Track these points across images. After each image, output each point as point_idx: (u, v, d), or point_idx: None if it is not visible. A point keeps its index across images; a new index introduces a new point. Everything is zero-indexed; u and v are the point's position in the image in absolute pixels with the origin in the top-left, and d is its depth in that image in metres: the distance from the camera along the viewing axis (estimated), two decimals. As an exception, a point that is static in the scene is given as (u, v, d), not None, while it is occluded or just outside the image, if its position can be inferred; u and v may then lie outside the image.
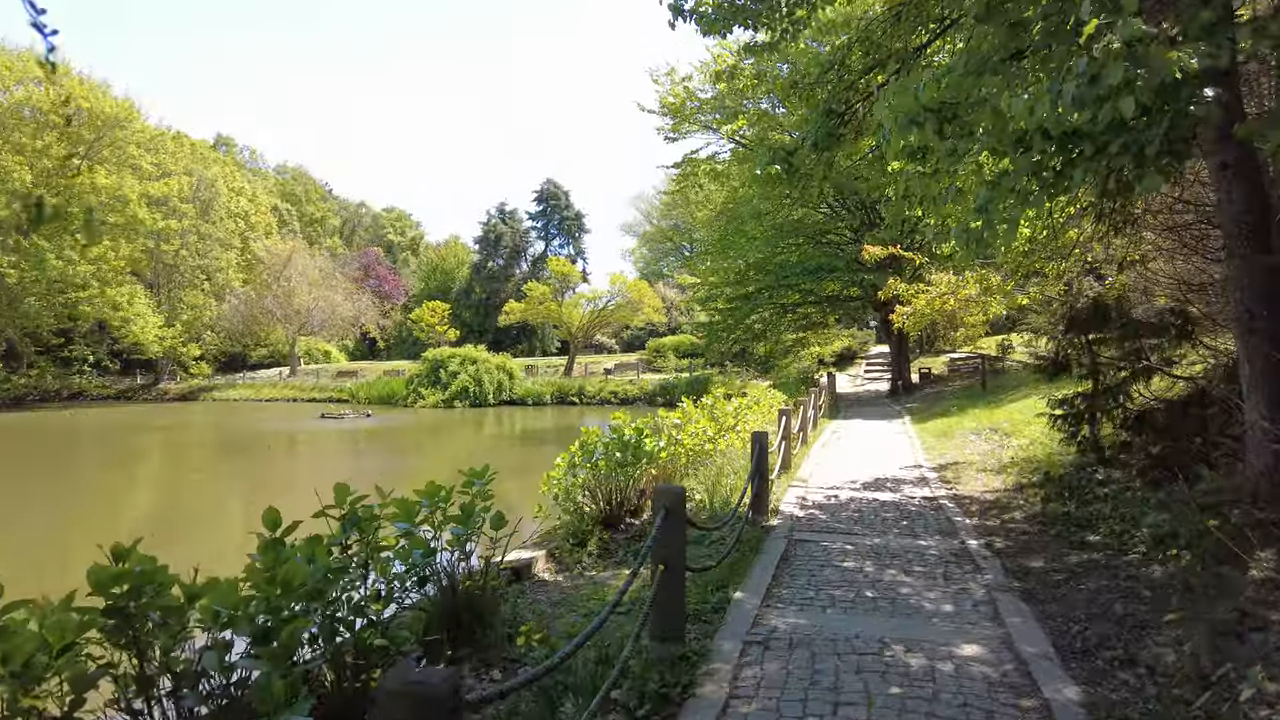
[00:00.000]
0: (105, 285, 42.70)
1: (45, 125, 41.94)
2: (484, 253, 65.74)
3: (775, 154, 7.73)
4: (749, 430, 11.98)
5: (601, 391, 39.92)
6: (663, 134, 28.37)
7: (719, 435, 11.11)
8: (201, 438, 29.31)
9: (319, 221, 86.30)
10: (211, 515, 14.62)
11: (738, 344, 34.33)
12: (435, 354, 41.14)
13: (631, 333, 59.10)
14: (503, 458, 19.48)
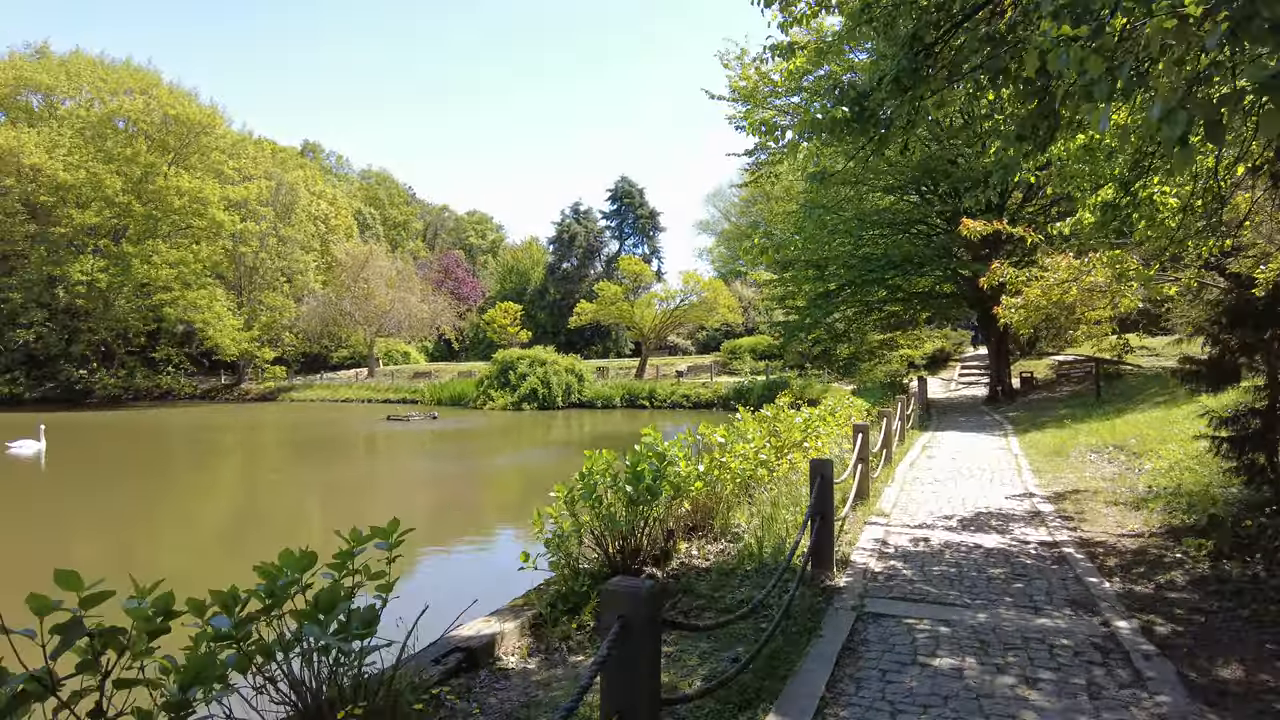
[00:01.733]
0: (186, 288, 43.63)
1: (135, 134, 43.14)
2: (558, 253, 64.99)
3: (844, 95, 5.88)
4: (820, 447, 10.10)
5: (673, 395, 38.20)
6: (734, 122, 26.56)
7: (781, 454, 9.26)
8: (277, 438, 29.55)
9: (402, 225, 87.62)
10: (283, 515, 14.86)
11: (818, 345, 32.10)
12: (504, 355, 40.29)
13: (706, 334, 57.16)
14: (551, 467, 18.10)
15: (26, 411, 37.60)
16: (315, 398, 46.62)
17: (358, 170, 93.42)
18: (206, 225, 44.82)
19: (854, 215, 23.91)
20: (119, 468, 21.20)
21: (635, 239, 66.99)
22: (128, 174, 42.46)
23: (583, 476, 5.64)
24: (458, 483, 18.36)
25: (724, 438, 7.61)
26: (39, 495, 17.03)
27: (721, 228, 72.69)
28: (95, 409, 40.75)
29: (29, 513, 14.85)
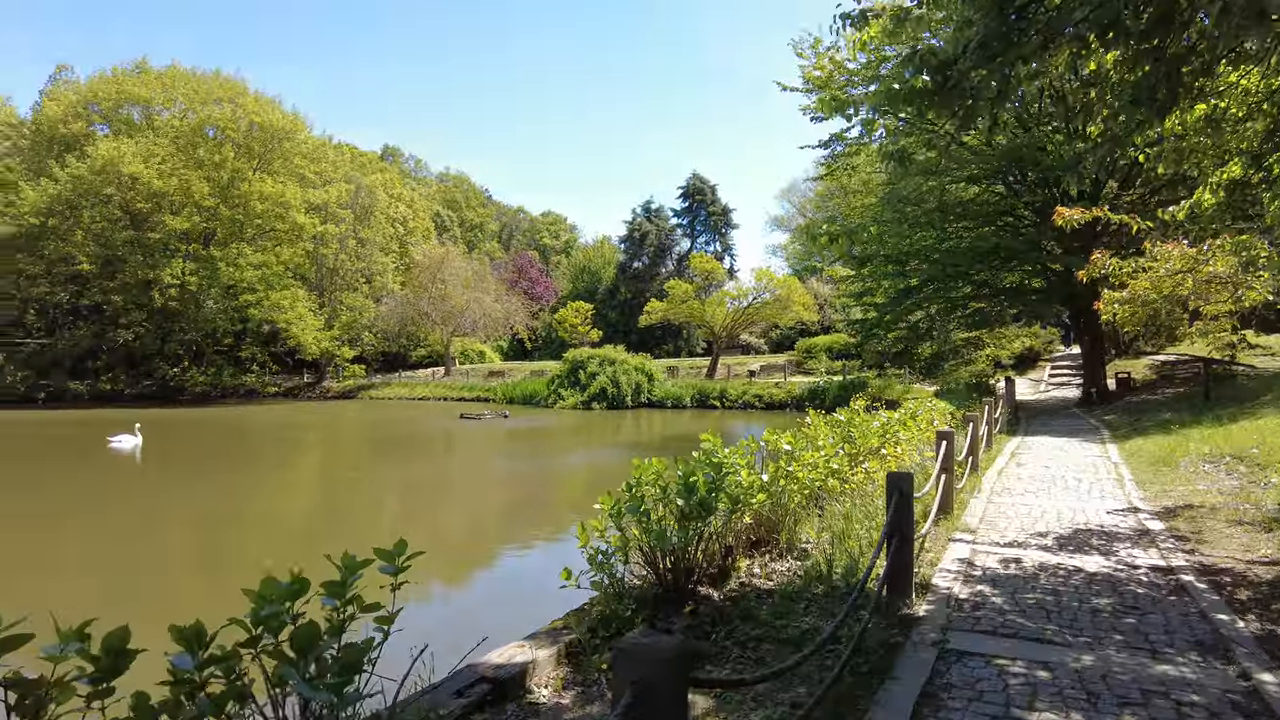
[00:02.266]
0: (270, 289, 45.14)
1: (222, 140, 44.88)
2: (629, 252, 64.79)
3: (924, 62, 5.23)
4: (900, 455, 9.37)
5: (744, 395, 37.41)
6: (808, 113, 25.68)
7: (856, 463, 8.59)
8: (356, 435, 30.26)
9: (478, 227, 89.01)
10: (362, 511, 15.16)
11: (898, 344, 30.88)
12: (575, 354, 40.28)
13: (780, 332, 55.97)
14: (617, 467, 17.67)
15: (126, 408, 39.52)
16: (393, 396, 47.64)
17: (435, 173, 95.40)
18: (288, 228, 46.35)
19: (936, 207, 22.75)
20: (208, 462, 21.98)
21: (707, 236, 66.25)
22: (215, 180, 44.23)
23: (629, 487, 5.15)
24: (527, 482, 18.18)
25: (790, 444, 7.00)
26: (135, 487, 17.82)
27: (796, 223, 71.25)
28: (187, 406, 42.59)
29: (126, 504, 15.49)
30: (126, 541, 12.25)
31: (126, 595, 9.18)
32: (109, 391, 44.65)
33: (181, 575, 10.52)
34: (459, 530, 13.90)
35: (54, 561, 11.00)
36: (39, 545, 12.00)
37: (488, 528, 13.92)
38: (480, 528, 13.94)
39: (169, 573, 10.61)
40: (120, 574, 10.33)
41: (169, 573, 10.61)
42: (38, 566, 10.70)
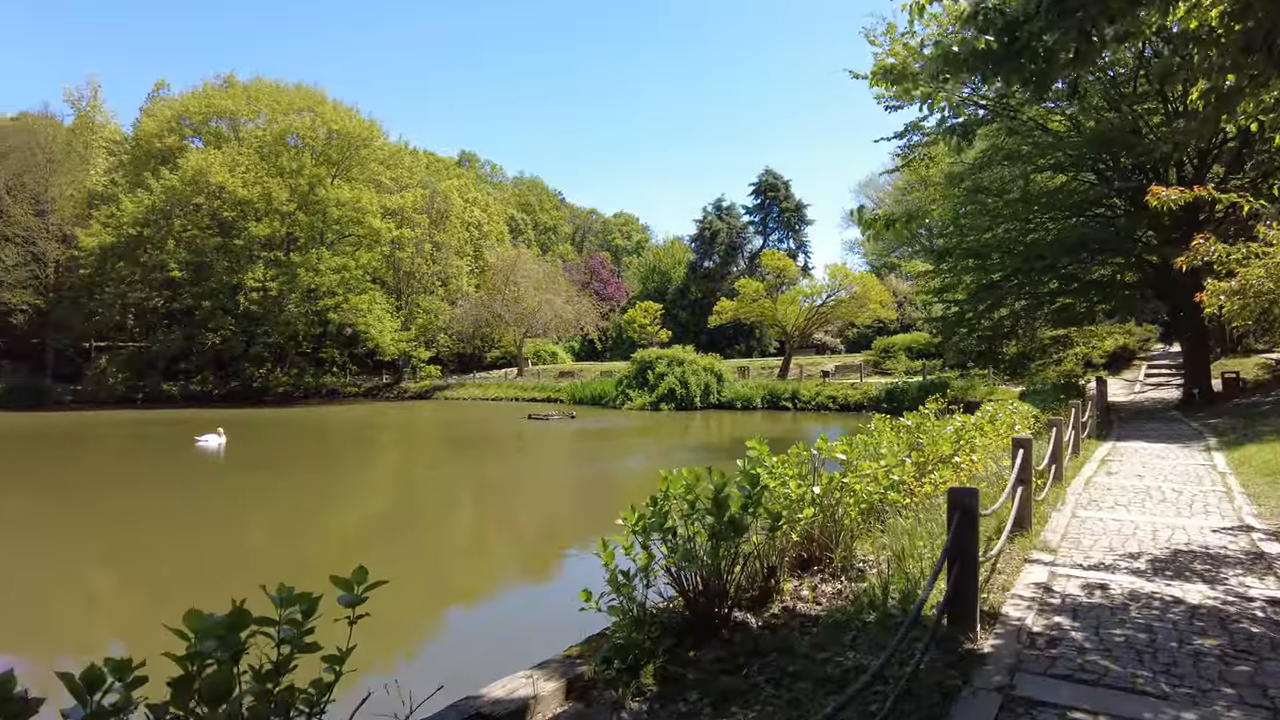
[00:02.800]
0: (349, 293, 46.38)
1: (302, 149, 46.38)
2: (700, 251, 64.11)
3: (987, 21, 4.58)
4: (974, 464, 8.62)
5: (817, 396, 36.34)
6: (882, 102, 24.67)
7: (924, 472, 7.90)
8: (429, 434, 30.67)
9: (551, 229, 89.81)
10: (435, 510, 15.51)
11: (981, 343, 29.41)
12: (643, 355, 39.95)
13: (857, 331, 54.38)
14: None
15: (215, 408, 41.23)
16: (467, 396, 48.31)
17: (510, 177, 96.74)
18: (365, 233, 47.54)
19: (1019, 198, 21.47)
20: (287, 461, 22.66)
21: (780, 233, 64.94)
22: (295, 187, 45.72)
23: (654, 501, 4.68)
24: (587, 483, 17.90)
25: (845, 453, 6.40)
26: (218, 484, 18.40)
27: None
28: (270, 406, 44.09)
29: (207, 500, 15.99)
30: (205, 534, 12.61)
31: (180, 593, 9.27)
32: (199, 392, 46.65)
33: (242, 573, 10.58)
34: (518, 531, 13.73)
35: (117, 554, 11.44)
36: (109, 537, 12.53)
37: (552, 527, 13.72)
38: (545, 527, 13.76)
39: (235, 571, 10.70)
40: (194, 567, 10.61)
41: (235, 571, 10.70)
42: (107, 557, 11.16)
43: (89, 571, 10.68)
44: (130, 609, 9.22)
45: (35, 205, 49.69)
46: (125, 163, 50.60)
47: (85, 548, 11.80)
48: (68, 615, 8.92)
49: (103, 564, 11.03)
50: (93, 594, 9.96)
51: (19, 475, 19.93)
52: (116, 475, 19.89)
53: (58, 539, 12.30)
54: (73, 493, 16.73)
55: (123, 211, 44.51)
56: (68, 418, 37.48)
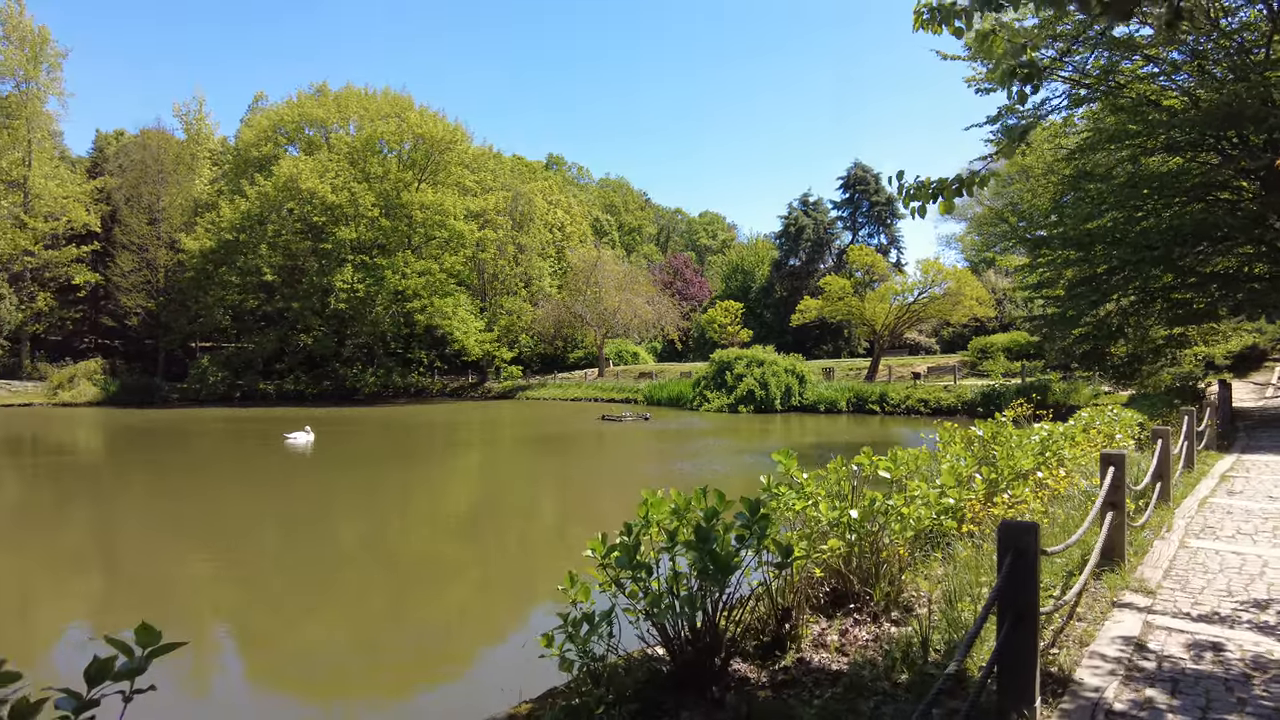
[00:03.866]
0: (433, 295, 47.15)
1: (388, 154, 47.53)
2: (784, 248, 62.38)
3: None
4: (1058, 481, 7.41)
5: (907, 399, 34.49)
6: (973, 85, 23.05)
7: (996, 491, 6.78)
8: (507, 434, 30.83)
9: (636, 230, 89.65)
10: (504, 508, 15.66)
11: (1085, 342, 27.12)
12: (721, 355, 38.94)
13: (953, 330, 51.67)
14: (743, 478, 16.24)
15: (307, 407, 42.59)
16: (548, 396, 48.41)
17: (597, 179, 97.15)
18: (448, 236, 48.27)
19: (1127, 183, 19.43)
20: (368, 457, 23.16)
21: (870, 228, 62.53)
22: (381, 191, 46.82)
23: (628, 531, 3.86)
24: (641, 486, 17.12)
25: (889, 470, 5.40)
26: (304, 479, 18.92)
27: (973, 212, 65.85)
28: (359, 405, 45.25)
29: (294, 494, 16.67)
30: (292, 525, 13.22)
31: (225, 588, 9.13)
32: (292, 391, 48.38)
33: (302, 566, 10.88)
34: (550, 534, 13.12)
35: (209, 538, 12.19)
36: (202, 522, 13.46)
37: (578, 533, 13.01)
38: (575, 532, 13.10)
39: (302, 554, 11.29)
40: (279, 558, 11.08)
41: (302, 554, 11.29)
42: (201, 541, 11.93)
43: (188, 553, 11.18)
44: (205, 587, 9.76)
45: (149, 215, 52.72)
46: (227, 171, 53.06)
47: (184, 532, 12.47)
48: (159, 591, 9.37)
49: (198, 548, 11.54)
50: (182, 575, 10.28)
51: (131, 468, 21.17)
52: (214, 468, 20.96)
53: (164, 525, 13.11)
54: (176, 484, 17.81)
55: (221, 217, 46.59)
56: (172, 414, 39.43)
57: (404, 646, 7.61)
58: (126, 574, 10.22)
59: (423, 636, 7.88)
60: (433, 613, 8.67)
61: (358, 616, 8.57)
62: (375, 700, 6.67)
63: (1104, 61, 19.62)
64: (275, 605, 9.01)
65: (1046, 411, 11.45)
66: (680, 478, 18.78)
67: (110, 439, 29.27)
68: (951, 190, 4.33)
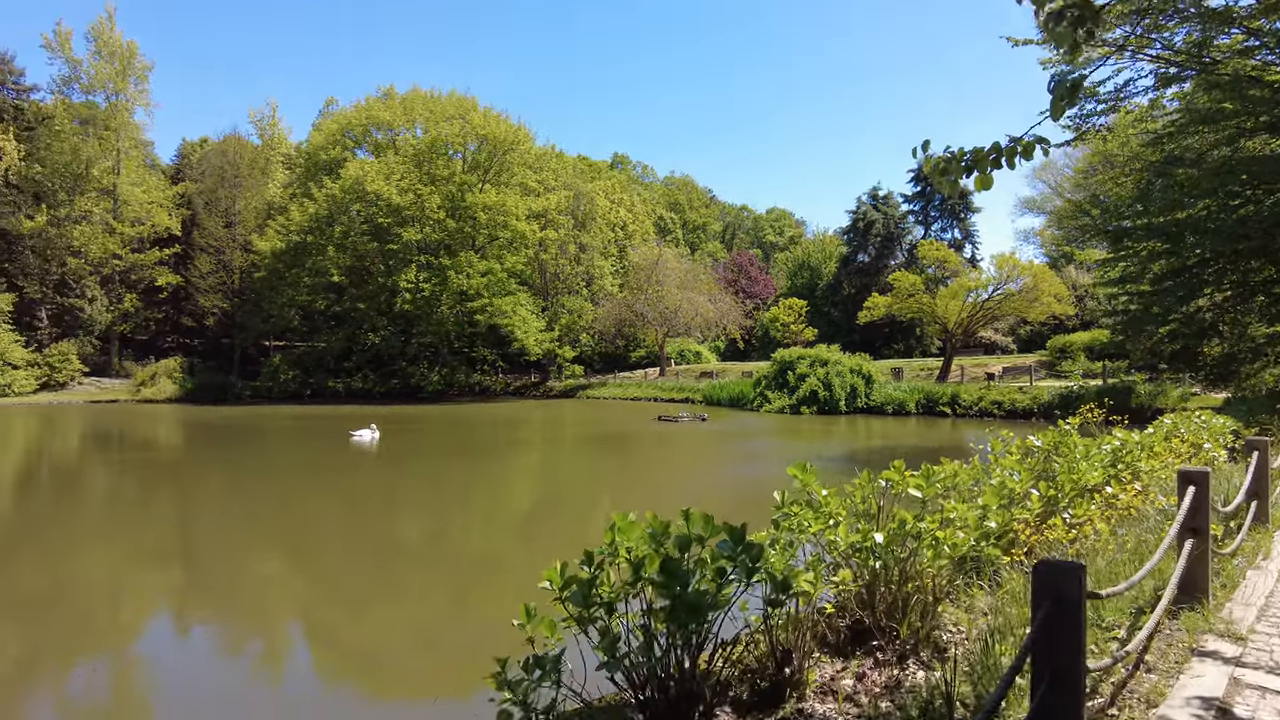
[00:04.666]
0: (495, 295, 47.48)
1: (451, 156, 48.06)
2: (852, 244, 60.63)
3: None
4: (1127, 501, 6.54)
5: (980, 401, 32.89)
6: (1047, 68, 21.69)
7: (1054, 511, 5.96)
8: (560, 434, 30.88)
9: (700, 227, 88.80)
10: (552, 506, 15.83)
11: (1174, 341, 25.29)
12: (783, 355, 37.90)
13: (1030, 328, 49.26)
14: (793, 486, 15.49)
15: (375, 405, 43.39)
16: (608, 395, 48.24)
17: (662, 177, 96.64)
18: (511, 236, 48.55)
19: (1221, 167, 17.86)
20: (434, 454, 23.69)
21: (943, 223, 60.26)
22: (445, 193, 47.37)
23: (589, 560, 3.29)
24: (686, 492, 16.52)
25: (920, 489, 4.70)
26: (371, 477, 19.36)
27: (1054, 205, 62.83)
28: (424, 403, 45.83)
29: (360, 491, 17.06)
30: (358, 519, 13.57)
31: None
32: (360, 389, 49.40)
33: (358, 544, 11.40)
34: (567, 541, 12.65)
35: (277, 529, 12.74)
36: (270, 514, 14.15)
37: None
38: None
39: (352, 542, 11.63)
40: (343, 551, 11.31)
41: (352, 542, 11.63)
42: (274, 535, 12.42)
43: (260, 548, 11.66)
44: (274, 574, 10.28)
45: (225, 218, 54.70)
46: (298, 175, 54.59)
47: (256, 527, 12.96)
48: (233, 584, 9.76)
49: (270, 543, 11.99)
50: (253, 567, 10.68)
51: (208, 464, 22.08)
52: (285, 465, 21.72)
53: (237, 520, 13.63)
54: (249, 480, 18.63)
55: (291, 219, 47.87)
56: (245, 411, 40.68)
57: (464, 645, 7.56)
58: (204, 567, 10.64)
59: (483, 636, 7.66)
60: (493, 611, 8.49)
61: (421, 614, 8.61)
62: (441, 700, 6.43)
63: (1196, 36, 18.13)
64: (341, 599, 9.15)
65: (1121, 417, 10.33)
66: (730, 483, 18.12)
67: (188, 435, 30.40)
68: (988, 160, 3.63)
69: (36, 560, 10.65)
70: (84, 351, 50.68)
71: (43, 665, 6.98)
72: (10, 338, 47.62)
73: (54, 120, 50.86)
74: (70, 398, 47.13)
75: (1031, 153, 3.67)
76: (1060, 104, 3.37)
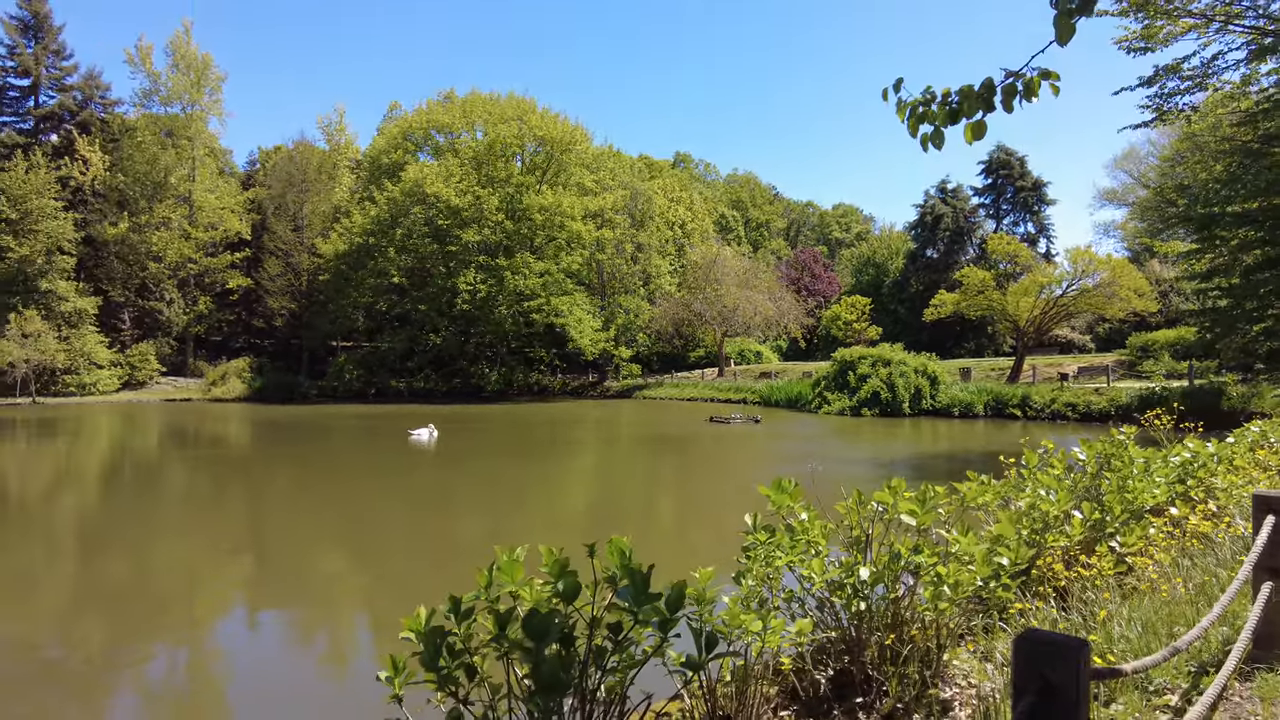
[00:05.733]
0: (550, 295, 47.35)
1: (509, 157, 48.15)
2: (920, 239, 58.42)
3: None
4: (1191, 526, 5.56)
5: (1053, 403, 31.03)
6: (1124, 45, 20.14)
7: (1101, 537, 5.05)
8: (617, 433, 30.60)
9: (764, 225, 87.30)
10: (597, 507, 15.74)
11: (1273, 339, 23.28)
12: (843, 354, 36.54)
13: (1109, 326, 46.51)
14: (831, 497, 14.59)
15: (436, 404, 43.74)
16: (664, 396, 47.62)
17: (725, 175, 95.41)
18: (567, 236, 48.37)
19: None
20: (489, 453, 23.84)
21: (1015, 216, 57.52)
22: (503, 194, 47.49)
23: (456, 608, 2.65)
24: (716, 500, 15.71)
25: (914, 514, 3.89)
26: (427, 474, 19.71)
27: (1136, 196, 59.35)
28: (485, 403, 46.01)
29: (420, 489, 17.44)
30: (415, 514, 14.13)
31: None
32: (423, 389, 49.96)
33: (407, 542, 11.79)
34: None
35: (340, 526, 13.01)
36: (330, 509, 14.68)
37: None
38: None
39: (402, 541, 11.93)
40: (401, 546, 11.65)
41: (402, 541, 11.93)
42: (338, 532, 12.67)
43: (326, 543, 12.03)
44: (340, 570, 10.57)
45: (293, 222, 56.13)
46: (363, 179, 55.63)
47: (322, 523, 13.40)
48: (301, 576, 10.21)
49: (335, 538, 12.30)
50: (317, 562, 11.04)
51: (276, 461, 22.88)
52: (349, 463, 22.13)
53: (304, 516, 14.24)
54: (315, 476, 19.32)
55: (354, 222, 48.71)
56: (311, 410, 41.54)
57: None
58: (273, 560, 11.15)
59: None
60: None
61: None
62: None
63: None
64: (403, 594, 9.19)
65: (1196, 423, 9.04)
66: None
67: (256, 433, 31.32)
68: (978, 102, 2.85)
69: (121, 551, 11.37)
70: (161, 352, 52.68)
71: (125, 650, 7.38)
72: (95, 339, 49.85)
73: (136, 132, 53.00)
74: (148, 396, 49.05)
75: (1035, 91, 2.83)
76: (1067, 20, 2.54)
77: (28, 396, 45.93)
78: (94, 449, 25.84)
